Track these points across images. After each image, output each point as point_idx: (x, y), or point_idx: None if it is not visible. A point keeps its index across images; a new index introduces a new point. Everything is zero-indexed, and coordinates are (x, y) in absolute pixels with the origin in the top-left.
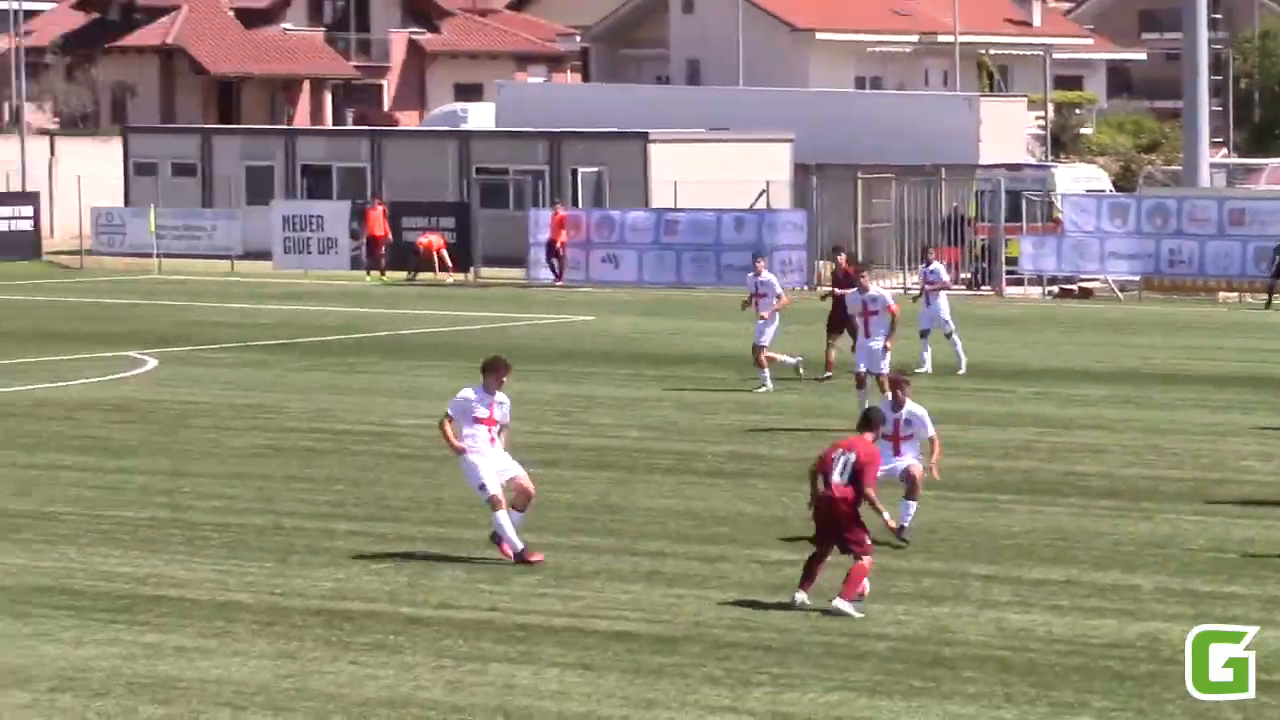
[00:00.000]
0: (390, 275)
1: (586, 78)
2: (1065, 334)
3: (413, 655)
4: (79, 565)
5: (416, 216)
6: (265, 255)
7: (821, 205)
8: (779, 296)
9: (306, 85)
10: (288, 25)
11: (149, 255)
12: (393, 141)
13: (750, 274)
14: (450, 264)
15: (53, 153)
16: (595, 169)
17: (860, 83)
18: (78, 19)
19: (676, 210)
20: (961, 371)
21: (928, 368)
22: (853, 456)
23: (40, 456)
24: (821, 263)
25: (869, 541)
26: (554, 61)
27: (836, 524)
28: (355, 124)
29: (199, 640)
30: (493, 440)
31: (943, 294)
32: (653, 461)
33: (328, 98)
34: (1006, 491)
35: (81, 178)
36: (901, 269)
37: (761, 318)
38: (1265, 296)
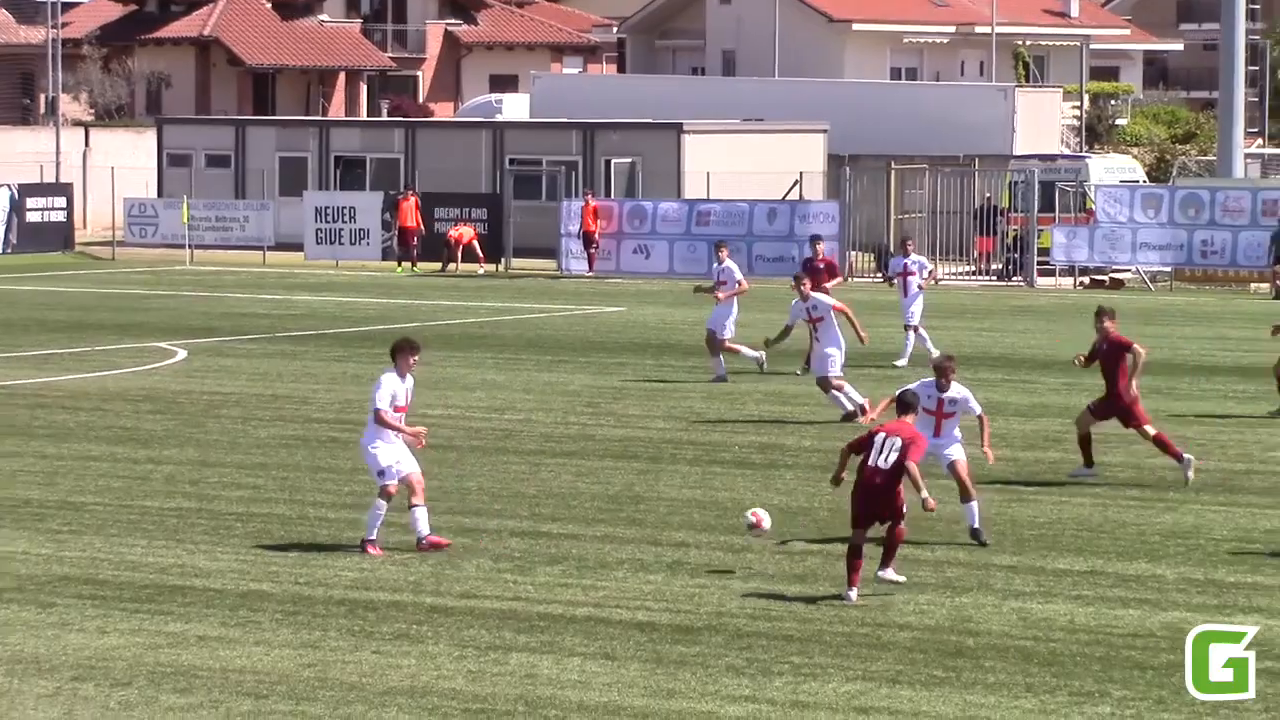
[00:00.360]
0: (422, 266)
1: (622, 69)
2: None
3: (435, 645)
4: (104, 555)
5: (449, 207)
6: (297, 246)
7: (854, 196)
8: (739, 283)
9: (342, 77)
10: (324, 17)
11: (181, 246)
12: (426, 132)
13: (715, 263)
14: (481, 255)
15: (87, 144)
16: (629, 160)
17: (896, 74)
18: (115, 10)
19: (709, 201)
20: (900, 364)
21: (934, 352)
22: (898, 440)
23: (68, 446)
24: (852, 253)
25: (904, 510)
26: (589, 53)
27: (877, 501)
28: (390, 115)
29: (222, 630)
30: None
31: (919, 286)
32: (679, 452)
33: (363, 89)
34: (1032, 482)
35: (115, 169)
36: (934, 259)
37: (717, 299)
38: (1271, 287)
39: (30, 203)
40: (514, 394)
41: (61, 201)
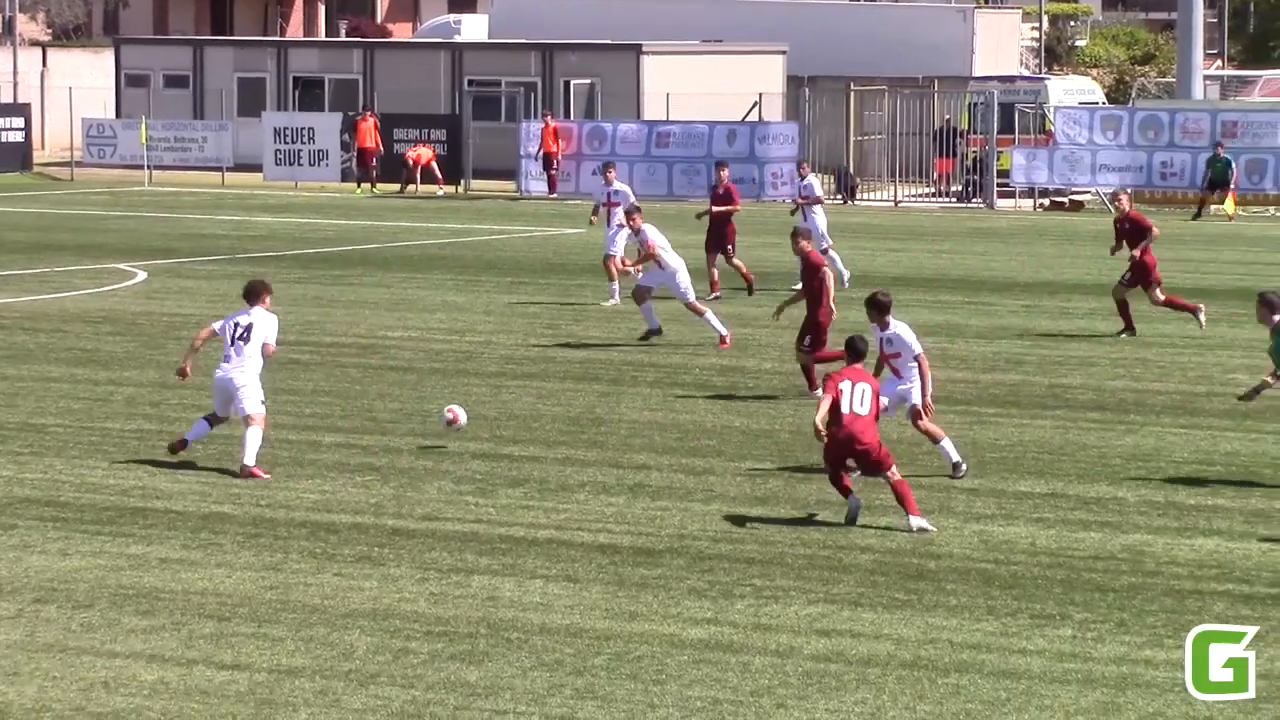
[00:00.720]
0: (381, 187)
1: None
2: (1055, 246)
3: (397, 567)
4: (65, 477)
5: (408, 129)
6: (256, 167)
7: (814, 118)
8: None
9: None
10: None
11: (140, 167)
12: (385, 53)
13: (601, 184)
14: (440, 176)
15: (45, 64)
16: (587, 81)
17: None
18: None
19: (668, 122)
20: (845, 285)
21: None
22: (868, 388)
23: (28, 368)
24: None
25: (889, 456)
26: None
27: (864, 450)
28: (348, 36)
29: (183, 552)
30: None
31: (818, 209)
32: (640, 374)
33: (321, 9)
34: (993, 404)
35: (73, 89)
36: (894, 181)
37: (622, 224)
38: (1196, 208)
39: None
40: (474, 316)
41: (19, 122)
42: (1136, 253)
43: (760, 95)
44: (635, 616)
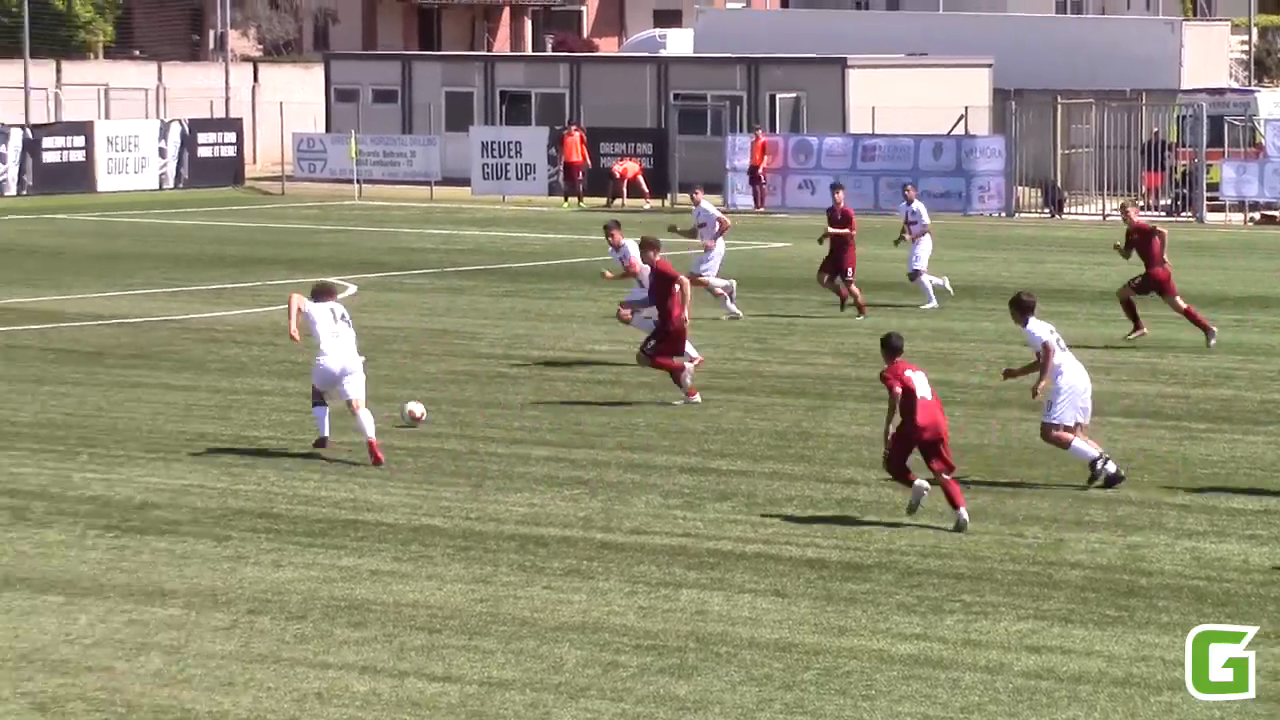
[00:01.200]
0: (587, 201)
1: (785, 3)
2: (1267, 261)
3: (606, 581)
4: (278, 489)
5: (614, 142)
6: (464, 181)
7: (1020, 131)
8: (720, 221)
9: (506, 11)
10: None
11: (349, 181)
12: (591, 68)
13: (694, 205)
14: (646, 190)
15: (256, 80)
16: (793, 95)
17: (1061, 7)
18: None
19: (874, 136)
20: (928, 306)
21: (934, 303)
22: (922, 375)
23: (241, 380)
24: (1020, 189)
25: None
26: None
27: (939, 431)
28: (554, 50)
29: (394, 564)
30: None
31: (925, 237)
32: (846, 388)
33: (527, 24)
34: (1204, 420)
35: (284, 104)
36: (1101, 195)
37: (706, 248)
38: None
39: (201, 138)
40: None
41: (231, 137)
42: (1156, 269)
43: (966, 109)
44: (844, 631)
